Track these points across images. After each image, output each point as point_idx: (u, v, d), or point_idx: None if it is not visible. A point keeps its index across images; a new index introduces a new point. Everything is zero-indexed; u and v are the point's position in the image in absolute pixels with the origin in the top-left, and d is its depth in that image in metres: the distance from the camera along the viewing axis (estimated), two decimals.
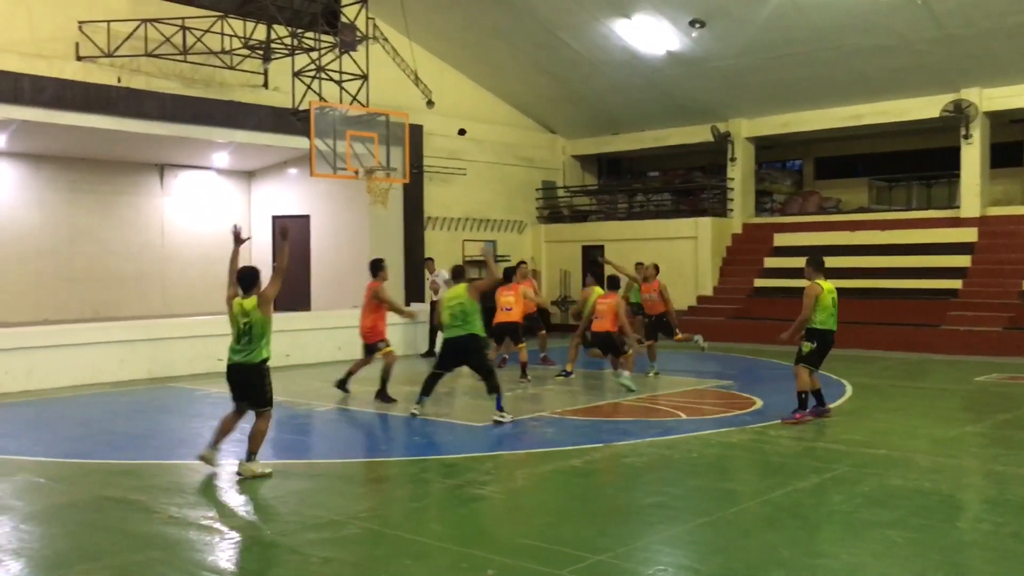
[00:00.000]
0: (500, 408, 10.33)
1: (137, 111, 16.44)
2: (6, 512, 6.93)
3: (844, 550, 5.82)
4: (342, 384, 12.51)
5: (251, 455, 7.83)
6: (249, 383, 7.97)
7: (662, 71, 20.94)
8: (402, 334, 17.15)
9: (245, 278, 8.18)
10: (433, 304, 17.12)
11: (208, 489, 7.59)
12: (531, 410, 11.12)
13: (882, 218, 21.50)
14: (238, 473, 7.80)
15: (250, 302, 8.02)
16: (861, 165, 24.50)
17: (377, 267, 12.34)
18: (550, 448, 9.04)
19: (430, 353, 17.05)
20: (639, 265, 19.22)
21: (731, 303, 21.46)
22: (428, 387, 10.92)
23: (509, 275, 14.38)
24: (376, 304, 12.03)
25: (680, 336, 14.84)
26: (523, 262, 15.96)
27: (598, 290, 13.74)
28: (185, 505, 7.02)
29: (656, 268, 15.35)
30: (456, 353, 10.75)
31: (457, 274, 11.40)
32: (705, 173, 24.87)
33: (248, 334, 8.00)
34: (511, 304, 13.76)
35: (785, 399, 11.75)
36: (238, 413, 8.11)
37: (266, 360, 8.02)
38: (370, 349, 12.18)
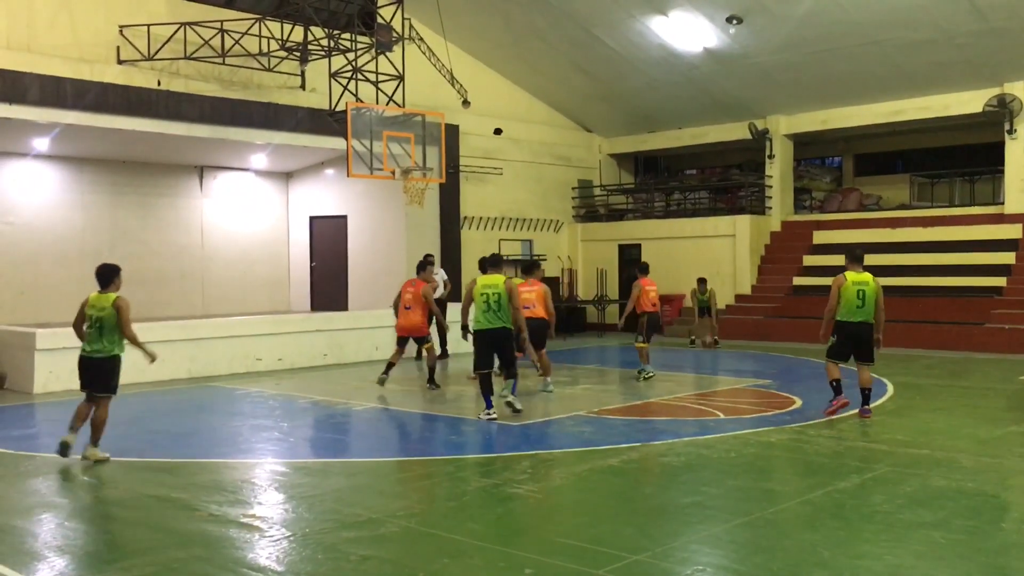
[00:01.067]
0: (514, 392, 10.79)
1: (177, 113, 16.65)
2: (51, 509, 7.05)
3: (886, 551, 5.73)
4: (431, 380, 13.18)
5: (95, 442, 8.47)
6: (98, 373, 8.52)
7: (699, 68, 20.80)
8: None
9: (101, 275, 8.54)
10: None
11: (247, 487, 7.66)
12: (568, 409, 11.10)
13: (924, 215, 21.20)
14: (83, 457, 8.39)
15: (106, 299, 8.43)
16: (902, 161, 24.18)
17: (423, 266, 13.44)
18: (587, 447, 9.01)
19: (444, 355, 17.09)
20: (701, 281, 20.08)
21: (770, 302, 21.27)
22: (489, 390, 10.61)
23: (530, 269, 13.44)
24: (424, 301, 12.94)
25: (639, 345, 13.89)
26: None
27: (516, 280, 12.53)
28: (225, 503, 7.09)
29: (640, 267, 14.67)
30: (492, 345, 10.60)
31: (494, 263, 11.02)
32: (743, 171, 24.69)
33: (99, 328, 8.43)
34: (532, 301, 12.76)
35: (824, 398, 11.63)
36: (89, 401, 8.65)
37: (118, 356, 8.59)
38: (402, 342, 13.08)
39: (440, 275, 17.15)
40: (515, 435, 9.83)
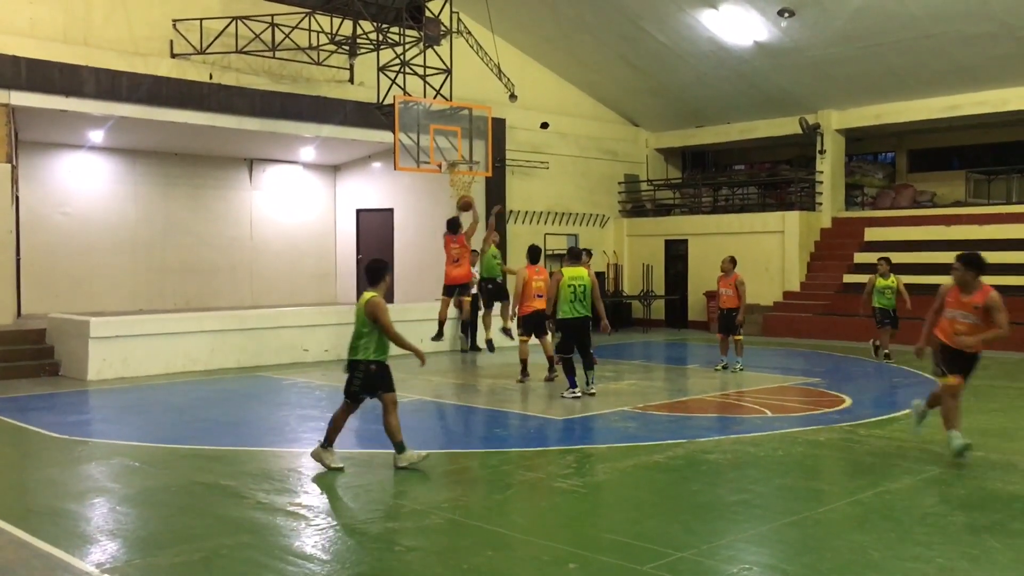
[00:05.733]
0: (592, 381, 11.62)
1: (228, 107, 16.86)
2: (103, 494, 7.18)
3: (938, 554, 5.62)
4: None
5: (398, 448, 7.89)
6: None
7: (749, 62, 20.55)
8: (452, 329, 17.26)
9: (369, 271, 8.02)
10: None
11: (294, 476, 7.74)
12: (613, 405, 11.05)
13: (980, 212, 20.74)
14: (396, 466, 7.78)
15: (365, 297, 7.86)
16: (958, 157, 23.68)
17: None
18: (632, 443, 8.96)
19: (474, 347, 17.29)
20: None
21: (819, 299, 20.98)
22: (572, 371, 11.61)
23: (536, 254, 13.23)
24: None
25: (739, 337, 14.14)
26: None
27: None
28: (273, 491, 7.16)
29: (733, 261, 14.28)
30: (578, 334, 11.55)
31: (575, 255, 12.02)
32: (793, 166, 24.37)
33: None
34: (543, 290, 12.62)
35: (874, 398, 11.45)
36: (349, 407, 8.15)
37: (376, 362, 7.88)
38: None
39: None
40: (560, 430, 9.82)
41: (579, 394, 11.36)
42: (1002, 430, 9.60)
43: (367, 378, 7.78)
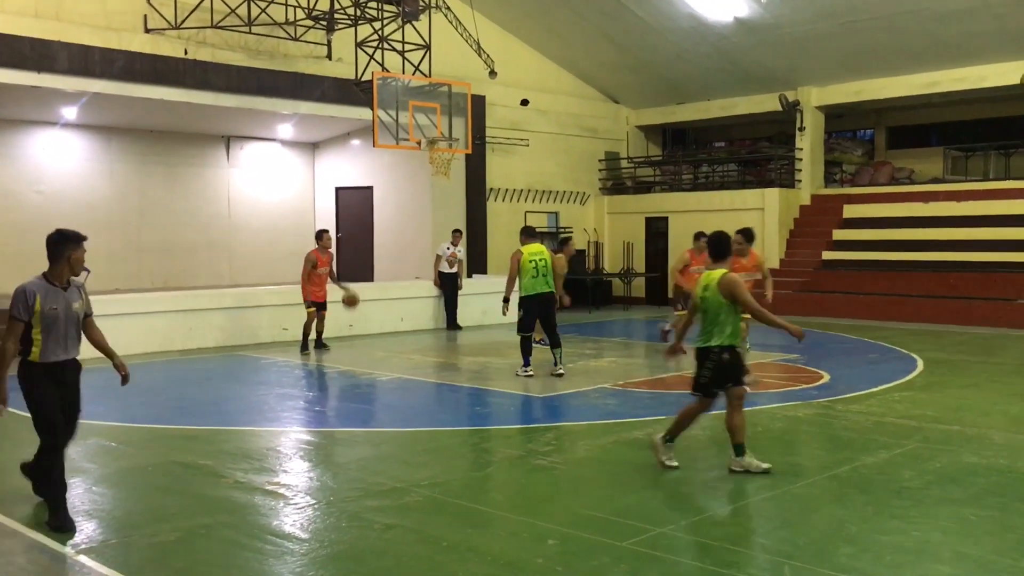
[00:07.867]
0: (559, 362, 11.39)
1: (203, 83, 16.63)
2: (79, 474, 7.11)
3: (915, 527, 5.66)
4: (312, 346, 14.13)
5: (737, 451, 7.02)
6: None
7: (729, 38, 20.49)
8: (432, 308, 17.26)
9: (713, 245, 7.23)
10: (448, 276, 17.26)
11: (273, 455, 7.70)
12: (593, 381, 11.06)
13: (958, 189, 20.83)
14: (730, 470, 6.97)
15: (712, 276, 7.07)
16: (936, 134, 23.77)
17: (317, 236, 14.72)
18: (612, 420, 8.98)
19: (455, 326, 17.25)
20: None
21: (798, 276, 21.06)
22: (529, 350, 11.46)
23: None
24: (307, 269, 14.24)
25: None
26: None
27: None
28: (251, 470, 7.12)
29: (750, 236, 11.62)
30: (543, 309, 11.37)
31: (532, 233, 11.90)
32: (773, 143, 24.39)
33: (704, 312, 7.16)
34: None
35: (853, 373, 11.51)
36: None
37: (720, 347, 7.06)
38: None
39: (443, 249, 17.17)
40: (540, 407, 9.82)
41: (532, 373, 11.24)
42: (977, 405, 9.69)
43: (718, 368, 7.00)
